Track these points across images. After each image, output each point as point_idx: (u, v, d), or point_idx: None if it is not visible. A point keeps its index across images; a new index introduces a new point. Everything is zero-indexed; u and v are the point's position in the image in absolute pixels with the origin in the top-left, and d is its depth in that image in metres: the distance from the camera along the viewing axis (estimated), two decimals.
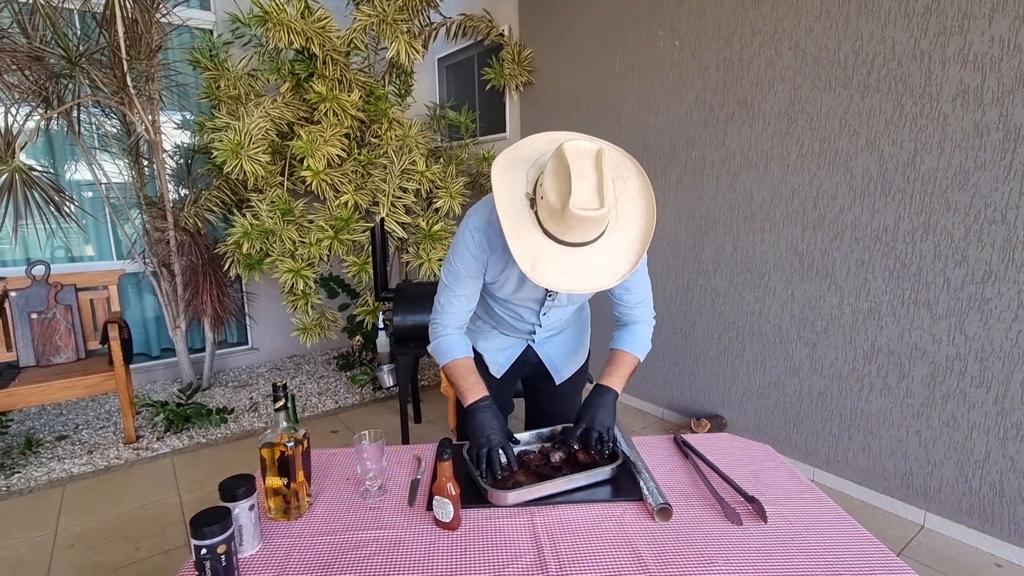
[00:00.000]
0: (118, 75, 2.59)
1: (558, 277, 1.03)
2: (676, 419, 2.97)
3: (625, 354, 1.37)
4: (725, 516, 1.06)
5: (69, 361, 2.88)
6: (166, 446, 2.75)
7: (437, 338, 1.33)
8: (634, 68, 2.94)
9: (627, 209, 1.09)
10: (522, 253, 1.03)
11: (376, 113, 3.31)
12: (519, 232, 1.04)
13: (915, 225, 2.00)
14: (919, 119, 1.95)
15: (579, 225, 0.99)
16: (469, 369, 1.30)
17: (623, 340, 1.39)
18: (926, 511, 2.07)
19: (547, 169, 1.03)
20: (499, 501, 1.09)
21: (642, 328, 1.41)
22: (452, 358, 1.31)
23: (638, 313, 1.40)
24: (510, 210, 1.06)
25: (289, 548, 0.98)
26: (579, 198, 0.96)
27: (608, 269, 1.06)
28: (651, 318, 1.43)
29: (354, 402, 3.32)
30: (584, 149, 1.00)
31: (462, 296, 1.30)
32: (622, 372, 1.34)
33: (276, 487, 1.04)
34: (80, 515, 2.16)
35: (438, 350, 1.33)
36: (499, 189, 1.07)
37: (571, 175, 0.96)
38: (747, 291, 2.57)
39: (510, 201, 1.07)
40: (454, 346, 1.32)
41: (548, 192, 1.00)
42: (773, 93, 2.35)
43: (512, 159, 1.11)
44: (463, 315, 1.34)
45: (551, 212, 1.00)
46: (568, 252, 1.04)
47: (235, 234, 2.99)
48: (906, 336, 2.06)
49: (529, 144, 1.14)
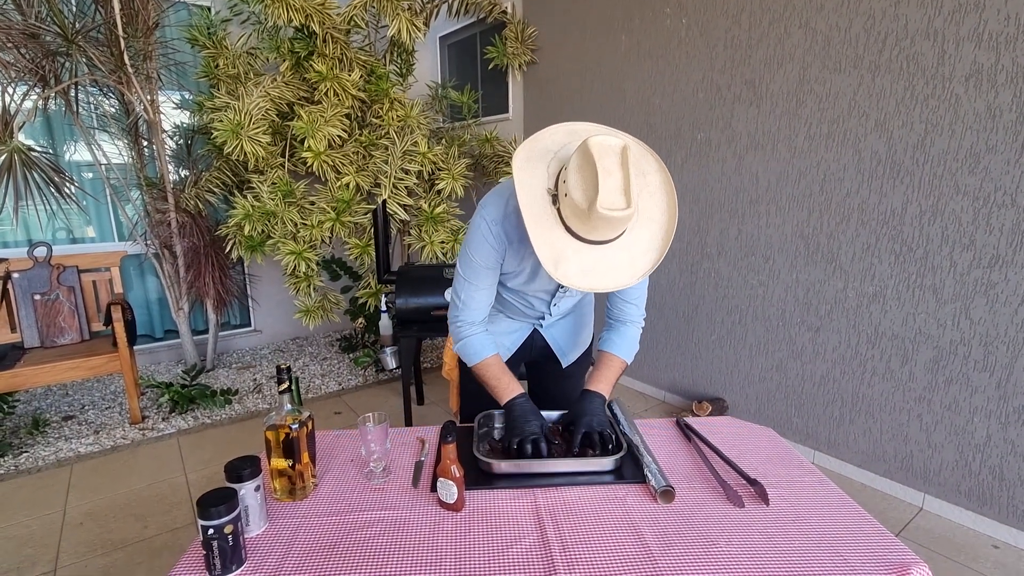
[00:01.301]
0: (115, 53, 2.55)
1: (580, 276, 1.02)
2: (678, 402, 2.98)
3: (614, 357, 1.36)
4: (727, 498, 1.06)
5: (73, 342, 2.89)
6: (171, 426, 2.77)
7: (464, 338, 1.32)
8: (639, 47, 2.88)
9: (648, 206, 1.07)
10: (546, 252, 1.02)
11: (377, 93, 3.27)
12: (541, 229, 1.03)
13: (923, 208, 1.97)
14: (930, 100, 1.91)
15: (604, 225, 0.97)
16: (501, 368, 1.30)
17: (611, 343, 1.38)
18: (925, 493, 2.09)
19: (571, 165, 1.00)
20: (491, 469, 1.12)
21: (631, 330, 1.38)
22: (482, 358, 1.30)
23: (630, 312, 1.38)
24: (532, 207, 1.04)
25: (295, 528, 0.99)
26: (606, 198, 0.94)
27: (629, 267, 1.05)
28: (641, 319, 1.40)
29: (357, 384, 3.33)
30: (609, 145, 0.98)
31: (482, 289, 1.28)
32: (609, 377, 1.33)
33: (281, 468, 1.05)
34: (88, 493, 2.19)
35: (466, 351, 1.32)
36: (521, 185, 1.05)
37: (598, 173, 0.94)
38: (751, 275, 2.55)
39: (531, 198, 1.04)
40: (483, 345, 1.31)
41: (573, 190, 0.98)
42: (782, 73, 2.31)
43: (532, 152, 1.09)
44: (485, 308, 1.32)
45: (576, 211, 0.99)
46: (590, 250, 1.03)
47: (236, 216, 2.97)
48: (910, 320, 2.05)
49: (548, 136, 1.11)
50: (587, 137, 0.97)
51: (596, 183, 0.94)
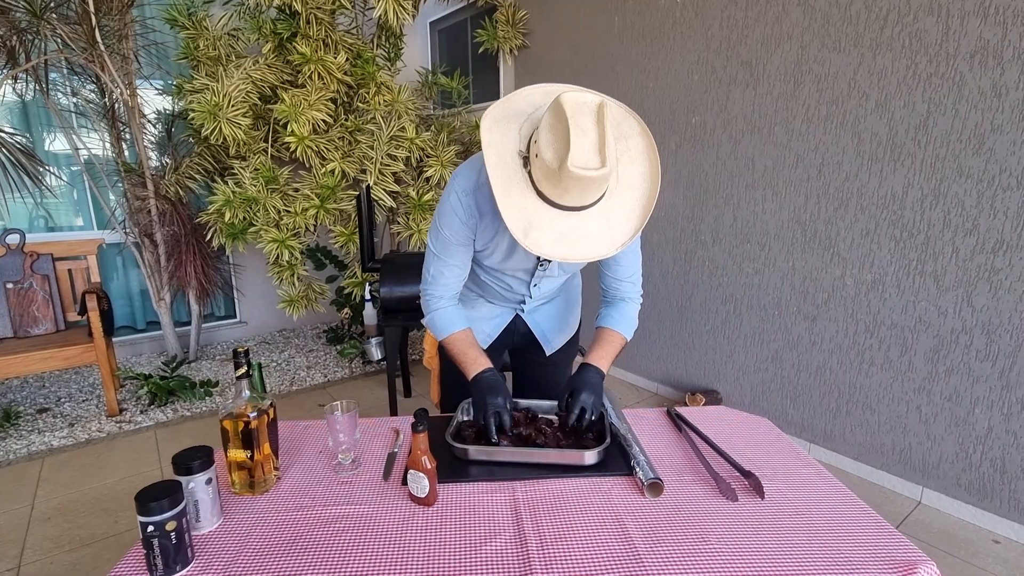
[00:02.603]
0: (86, 30, 2.44)
1: (552, 244, 0.94)
2: (671, 394, 2.92)
3: (613, 332, 1.29)
4: (720, 492, 0.99)
5: (48, 332, 2.80)
6: (149, 419, 2.69)
7: (432, 311, 1.26)
8: (633, 28, 2.80)
9: (628, 172, 0.99)
10: (514, 217, 0.94)
11: (363, 77, 3.17)
12: (510, 193, 0.95)
13: (924, 192, 1.90)
14: (933, 78, 1.84)
15: (577, 186, 0.90)
16: (469, 343, 1.24)
17: (610, 318, 1.31)
18: (923, 487, 2.03)
19: (543, 123, 0.93)
20: (461, 455, 1.07)
21: (629, 306, 1.32)
22: (450, 332, 1.24)
23: (625, 289, 1.31)
24: (500, 168, 0.96)
25: (252, 524, 0.91)
26: (578, 156, 0.87)
27: (607, 236, 0.97)
28: (638, 296, 1.33)
29: (344, 376, 3.25)
30: (584, 102, 0.90)
31: (453, 266, 1.22)
32: (608, 352, 1.26)
33: (240, 460, 0.97)
34: (59, 488, 2.10)
35: (434, 324, 1.27)
36: (489, 146, 0.97)
37: (570, 130, 0.87)
38: (746, 263, 2.48)
39: (500, 159, 0.97)
40: (451, 319, 1.25)
41: (544, 149, 0.90)
42: (779, 53, 2.23)
43: (503, 112, 1.01)
44: (456, 285, 1.26)
45: (546, 172, 0.91)
46: (563, 217, 0.94)
47: (217, 202, 2.88)
48: (910, 308, 1.99)
49: (523, 97, 1.03)
50: (561, 94, 0.89)
51: (568, 140, 0.86)
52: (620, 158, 0.98)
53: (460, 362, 1.23)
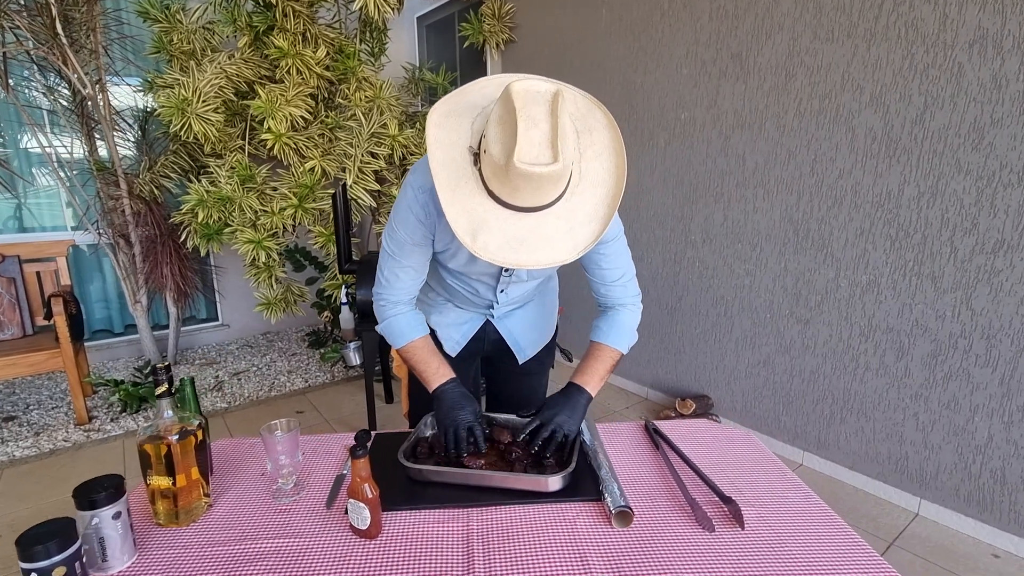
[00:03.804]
0: (47, 22, 2.33)
1: (505, 249, 0.83)
2: (661, 399, 2.83)
3: (603, 347, 1.17)
4: (696, 521, 0.90)
5: (14, 338, 2.70)
6: (119, 428, 2.59)
7: (386, 318, 1.17)
8: (621, 21, 2.70)
9: (593, 168, 0.89)
10: (460, 219, 0.84)
11: (344, 72, 3.07)
12: (457, 193, 0.85)
13: (921, 189, 1.81)
14: (930, 70, 1.74)
15: (527, 184, 0.80)
16: (429, 351, 1.15)
17: (600, 331, 1.20)
18: (921, 498, 1.94)
19: (492, 116, 0.83)
20: (414, 475, 0.99)
21: (624, 315, 1.20)
22: (408, 340, 1.16)
23: (618, 294, 1.19)
24: (447, 166, 0.86)
25: (170, 561, 0.81)
26: (526, 150, 0.77)
27: (567, 240, 0.86)
28: (632, 300, 1.22)
29: (324, 381, 3.16)
30: (537, 91, 0.80)
31: (408, 268, 1.12)
32: (598, 369, 1.15)
33: (163, 488, 0.88)
34: (15, 502, 2.00)
35: (390, 332, 1.18)
36: (436, 142, 0.87)
37: (517, 122, 0.77)
38: (737, 264, 2.39)
39: (448, 156, 0.86)
40: (408, 326, 1.16)
41: (491, 144, 0.81)
42: (770, 44, 2.13)
43: (455, 107, 0.91)
44: (412, 288, 1.17)
45: (495, 169, 0.81)
46: (518, 218, 0.84)
47: (189, 201, 2.78)
48: (907, 311, 1.89)
49: (477, 89, 0.93)
50: (511, 82, 0.80)
51: (516, 134, 0.76)
52: (584, 153, 0.89)
53: (420, 372, 1.14)
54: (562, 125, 0.79)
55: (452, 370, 1.15)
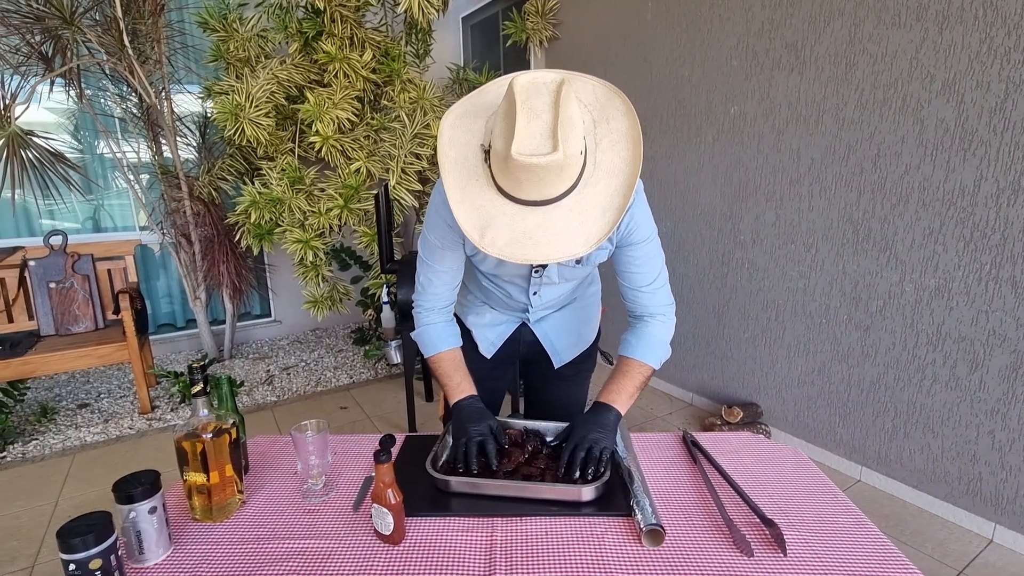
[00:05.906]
0: (115, 36, 2.49)
1: (512, 244, 0.81)
2: (707, 405, 2.72)
3: (632, 362, 1.10)
4: (734, 544, 0.85)
5: (87, 331, 2.90)
6: (179, 417, 2.73)
7: (420, 326, 1.19)
8: (668, 13, 2.61)
9: (608, 158, 0.85)
10: (470, 216, 0.83)
11: (389, 74, 3.12)
12: (467, 192, 0.84)
13: (1001, 186, 1.65)
14: (1012, 53, 1.58)
15: (528, 176, 0.77)
16: (455, 366, 1.16)
17: (630, 345, 1.12)
18: (996, 523, 1.77)
19: (498, 112, 0.82)
20: (442, 487, 0.97)
21: (655, 327, 1.12)
22: (437, 351, 1.17)
23: (646, 301, 1.12)
24: (459, 165, 0.85)
25: (202, 556, 0.84)
26: (524, 141, 0.75)
27: (578, 233, 0.82)
28: (667, 308, 1.13)
29: (368, 377, 3.23)
30: (541, 82, 0.78)
31: (442, 272, 1.13)
32: (626, 386, 1.08)
33: (198, 484, 0.90)
34: (83, 485, 2.15)
35: (421, 340, 1.20)
36: (449, 142, 0.87)
37: (517, 115, 0.75)
38: (790, 266, 2.26)
39: (460, 155, 0.86)
40: (438, 337, 1.17)
41: (495, 139, 0.80)
42: (829, 32, 2.00)
43: (471, 107, 0.89)
44: (448, 293, 1.18)
45: (498, 163, 0.80)
46: (527, 213, 0.82)
47: (243, 203, 2.90)
48: (982, 319, 1.73)
49: (494, 89, 0.91)
50: (515, 77, 0.78)
51: (514, 126, 0.75)
52: (600, 142, 0.85)
53: (443, 385, 1.16)
54: (567, 115, 0.76)
55: (474, 386, 1.15)
